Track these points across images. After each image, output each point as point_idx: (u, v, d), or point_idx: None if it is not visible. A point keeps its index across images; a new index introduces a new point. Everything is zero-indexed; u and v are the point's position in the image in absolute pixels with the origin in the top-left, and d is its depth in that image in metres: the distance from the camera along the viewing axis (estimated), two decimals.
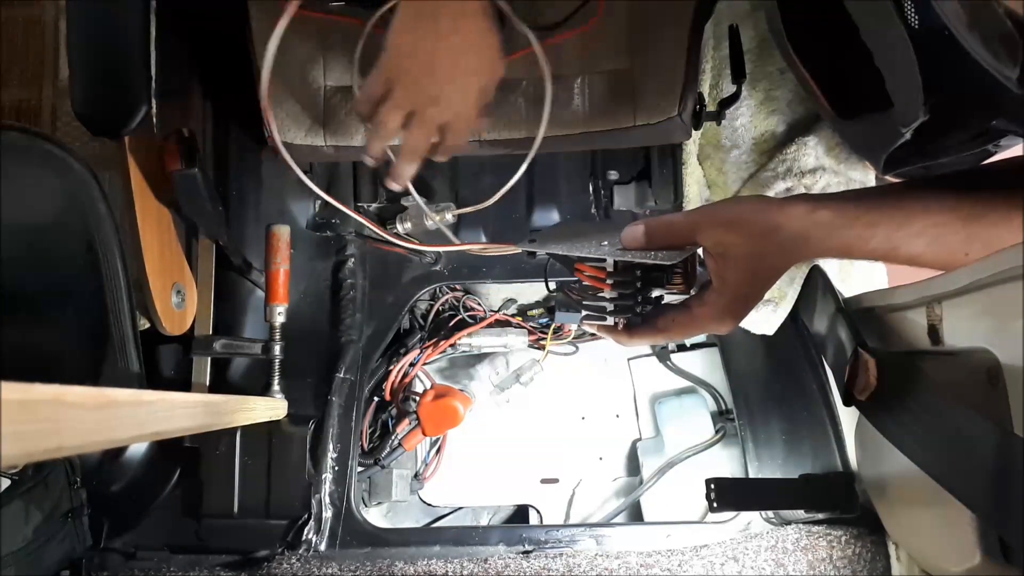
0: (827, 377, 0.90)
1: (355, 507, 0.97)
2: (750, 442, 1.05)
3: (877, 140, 0.64)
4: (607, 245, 0.66)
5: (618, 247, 0.65)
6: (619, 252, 0.64)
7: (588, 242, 0.68)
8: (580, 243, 0.68)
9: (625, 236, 0.64)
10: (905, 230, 0.54)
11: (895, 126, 0.59)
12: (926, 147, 0.66)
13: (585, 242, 0.68)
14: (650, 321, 0.67)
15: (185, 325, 0.96)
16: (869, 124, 0.67)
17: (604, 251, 0.65)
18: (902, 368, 0.59)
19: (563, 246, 0.68)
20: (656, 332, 0.66)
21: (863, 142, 0.69)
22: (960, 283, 0.54)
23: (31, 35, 1.16)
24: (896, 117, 0.60)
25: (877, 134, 0.64)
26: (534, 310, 1.18)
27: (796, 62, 0.74)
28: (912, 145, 0.65)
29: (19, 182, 0.76)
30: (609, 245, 0.66)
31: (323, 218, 1.11)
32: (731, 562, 0.86)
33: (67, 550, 0.84)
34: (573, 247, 0.67)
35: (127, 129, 0.79)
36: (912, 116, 0.57)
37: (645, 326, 0.67)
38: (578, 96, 0.85)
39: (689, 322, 0.64)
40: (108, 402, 0.35)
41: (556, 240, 0.70)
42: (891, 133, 0.60)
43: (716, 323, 0.63)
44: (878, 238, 0.54)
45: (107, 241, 0.79)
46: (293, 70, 0.87)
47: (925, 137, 0.63)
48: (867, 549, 0.84)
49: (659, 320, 0.66)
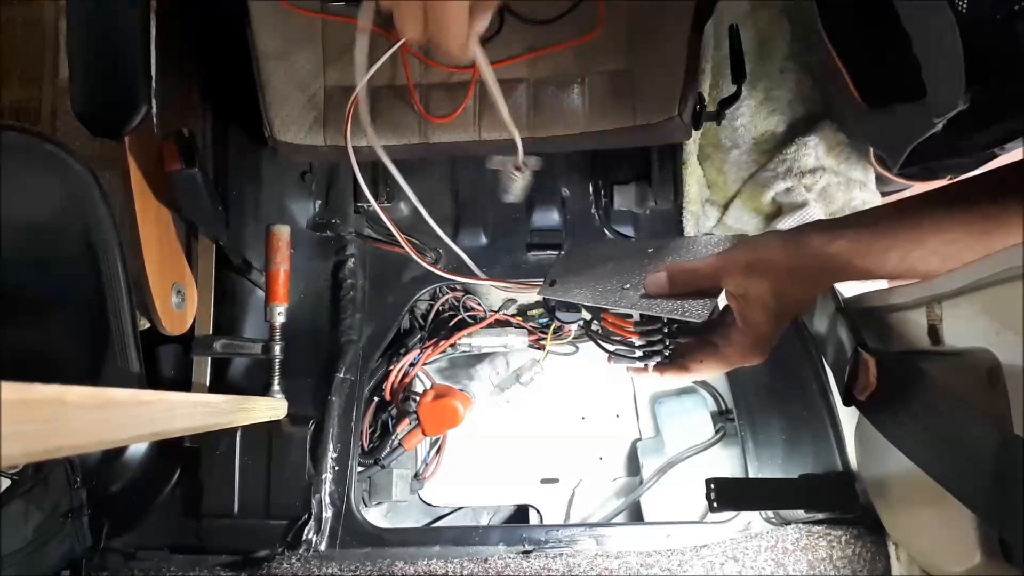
0: (827, 377, 0.90)
1: (355, 507, 0.97)
2: (750, 442, 1.05)
3: (904, 132, 0.62)
4: (630, 289, 0.68)
5: (641, 292, 0.67)
6: (644, 303, 0.66)
7: (609, 284, 0.69)
8: (601, 287, 0.69)
9: (648, 284, 0.66)
10: (919, 250, 0.55)
11: (928, 116, 0.58)
12: (956, 142, 0.65)
13: (606, 285, 0.70)
14: (679, 361, 0.70)
15: (185, 325, 0.96)
16: (898, 114, 0.66)
17: (628, 300, 0.66)
18: (902, 368, 0.59)
19: (585, 292, 0.70)
20: (686, 372, 0.69)
21: (888, 134, 0.68)
22: (960, 283, 0.54)
23: (31, 35, 1.16)
24: (930, 107, 0.58)
25: (906, 125, 0.62)
26: (534, 310, 1.18)
27: (829, 48, 0.73)
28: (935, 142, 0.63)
29: (19, 182, 0.76)
30: (632, 289, 0.68)
31: (323, 218, 1.11)
32: (731, 562, 0.86)
33: (67, 550, 0.84)
34: (596, 294, 0.69)
35: (127, 129, 0.79)
36: (949, 105, 0.55)
37: (674, 366, 0.70)
38: (578, 96, 0.85)
39: (718, 361, 0.67)
40: (108, 402, 0.35)
41: (575, 282, 0.72)
42: (922, 124, 0.59)
43: (743, 359, 0.66)
44: (893, 261, 0.56)
45: (107, 241, 0.79)
46: (293, 70, 0.87)
47: (957, 131, 0.61)
48: (867, 549, 0.84)
49: (689, 362, 0.69)
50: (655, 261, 0.71)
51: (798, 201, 1.02)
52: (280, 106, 0.88)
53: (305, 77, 0.87)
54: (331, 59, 0.87)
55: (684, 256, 0.71)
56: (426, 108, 0.86)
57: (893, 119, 0.67)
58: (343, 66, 0.87)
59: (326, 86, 0.88)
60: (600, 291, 0.69)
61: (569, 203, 1.11)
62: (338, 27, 0.85)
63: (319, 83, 0.88)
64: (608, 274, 0.71)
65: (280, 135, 0.88)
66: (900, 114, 0.65)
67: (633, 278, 0.68)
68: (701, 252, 0.71)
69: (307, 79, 0.88)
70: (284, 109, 0.88)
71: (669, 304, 0.64)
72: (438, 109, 0.85)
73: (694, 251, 0.72)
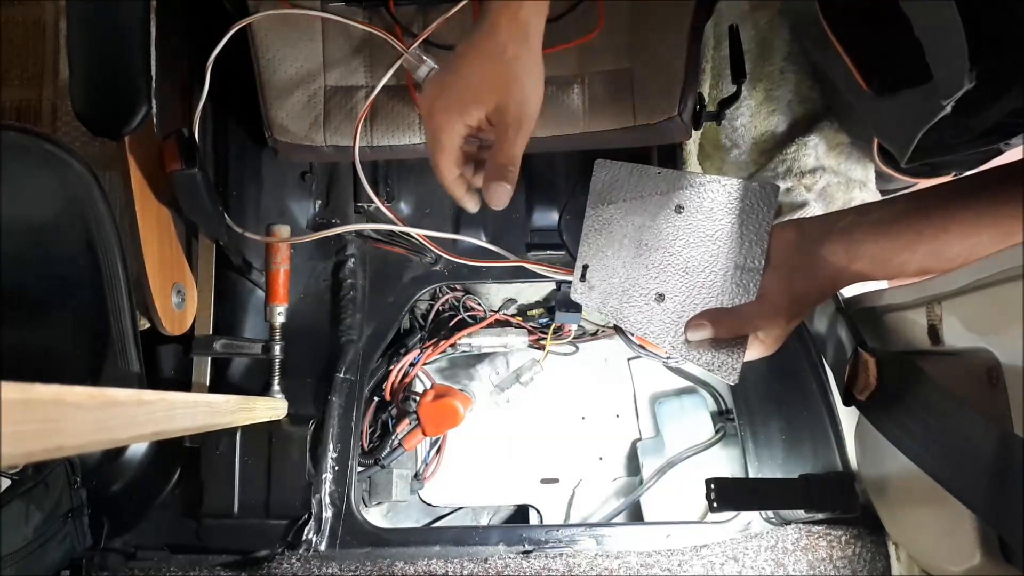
0: (827, 377, 0.90)
1: (355, 507, 0.97)
2: (750, 442, 1.05)
3: (914, 117, 0.61)
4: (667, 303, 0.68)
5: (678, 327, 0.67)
6: (682, 351, 0.67)
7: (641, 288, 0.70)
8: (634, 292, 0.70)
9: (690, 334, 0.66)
10: (943, 255, 0.55)
11: (936, 99, 0.57)
12: (968, 123, 0.63)
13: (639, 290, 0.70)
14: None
15: (185, 325, 0.96)
16: (906, 100, 0.65)
17: (668, 341, 0.67)
18: (902, 368, 0.59)
19: (617, 305, 0.70)
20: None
21: (897, 122, 0.67)
22: (960, 283, 0.54)
23: (31, 35, 1.16)
24: (938, 89, 0.58)
25: (914, 110, 0.61)
26: (534, 310, 1.18)
27: (831, 38, 0.72)
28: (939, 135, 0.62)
29: (19, 182, 0.76)
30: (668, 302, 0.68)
31: (323, 218, 1.11)
32: (731, 562, 0.86)
33: (67, 550, 0.84)
34: (629, 308, 0.70)
35: (127, 129, 0.79)
36: (955, 86, 0.54)
37: None
38: (578, 96, 0.85)
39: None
40: (108, 402, 0.35)
41: (604, 275, 0.72)
42: (931, 107, 0.58)
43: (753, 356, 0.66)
44: (914, 265, 0.56)
45: (107, 241, 0.79)
46: (293, 70, 0.87)
47: (968, 112, 0.60)
48: (867, 549, 0.84)
49: None
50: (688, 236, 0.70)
51: (798, 201, 1.02)
52: (280, 106, 0.88)
53: (305, 77, 0.87)
54: (331, 59, 0.87)
55: (719, 218, 0.69)
56: None
57: (901, 106, 0.66)
58: (343, 66, 0.87)
59: (326, 86, 0.88)
60: (635, 305, 0.70)
61: (569, 203, 1.11)
62: (338, 27, 0.85)
63: (319, 83, 0.88)
64: (641, 266, 0.71)
65: (280, 135, 0.88)
66: (908, 100, 0.65)
67: (668, 273, 0.69)
68: (737, 213, 0.69)
69: (307, 79, 0.87)
70: (284, 109, 0.88)
71: (707, 357, 0.66)
72: None
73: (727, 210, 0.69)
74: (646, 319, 0.69)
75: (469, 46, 0.62)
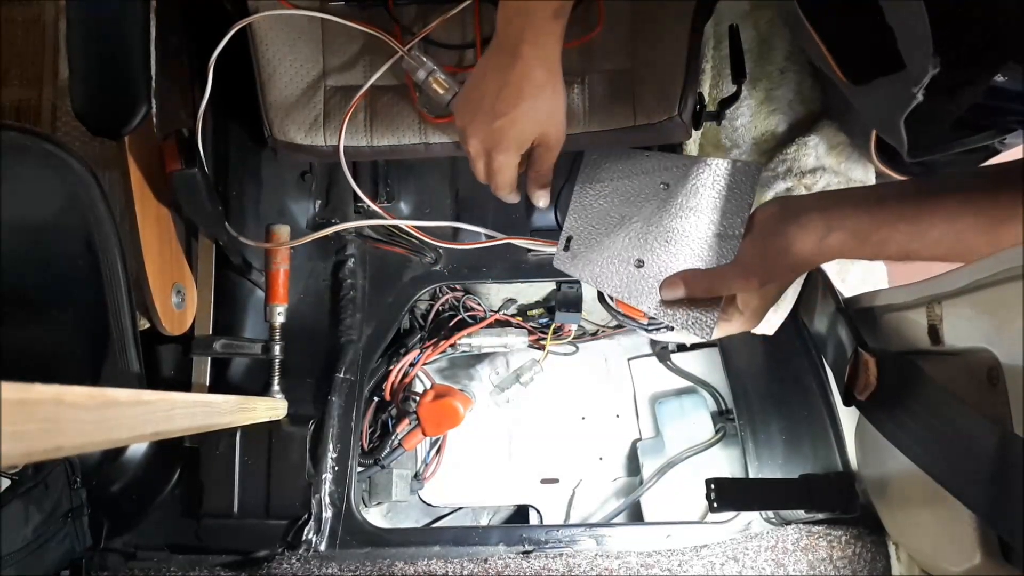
0: (827, 377, 0.90)
1: (355, 507, 0.97)
2: (750, 442, 1.05)
3: (890, 106, 0.62)
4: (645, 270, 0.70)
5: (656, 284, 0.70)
6: (659, 310, 0.69)
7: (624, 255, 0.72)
8: (617, 259, 0.72)
9: (665, 292, 0.69)
10: (925, 236, 0.55)
11: (908, 87, 0.58)
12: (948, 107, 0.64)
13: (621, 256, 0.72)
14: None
15: (185, 325, 0.96)
16: (882, 89, 0.66)
17: (646, 301, 0.70)
18: (902, 368, 0.59)
19: (598, 269, 0.72)
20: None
21: (879, 111, 0.68)
22: (960, 283, 0.54)
23: (31, 35, 1.16)
24: (909, 77, 0.58)
25: (890, 99, 0.62)
26: (534, 310, 1.18)
27: (807, 28, 0.73)
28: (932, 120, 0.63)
29: (19, 182, 0.76)
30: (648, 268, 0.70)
31: (323, 218, 1.11)
32: (731, 562, 0.86)
33: (67, 550, 0.84)
34: (610, 274, 0.72)
35: (127, 129, 0.79)
36: (922, 72, 0.55)
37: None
38: (578, 96, 0.85)
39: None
40: (108, 402, 0.35)
41: (588, 243, 0.74)
42: (905, 96, 0.59)
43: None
44: (895, 244, 0.57)
45: (107, 241, 0.79)
46: (293, 70, 0.87)
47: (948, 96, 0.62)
48: (867, 549, 0.83)
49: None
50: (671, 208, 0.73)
51: None
52: (280, 106, 0.88)
53: (305, 77, 0.87)
54: (331, 59, 0.87)
55: (703, 193, 0.72)
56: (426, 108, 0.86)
57: (881, 93, 0.67)
58: (343, 66, 0.87)
59: (326, 86, 0.88)
60: (615, 270, 0.71)
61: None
62: (338, 27, 0.85)
63: (319, 83, 0.88)
64: (623, 237, 0.73)
65: (280, 135, 0.88)
66: (883, 88, 0.65)
67: (649, 242, 0.71)
68: (720, 188, 0.72)
69: (307, 79, 0.87)
70: (284, 109, 0.88)
71: (681, 315, 0.68)
72: (437, 109, 0.85)
73: (711, 186, 0.72)
74: (625, 283, 0.71)
75: (505, 85, 0.67)
